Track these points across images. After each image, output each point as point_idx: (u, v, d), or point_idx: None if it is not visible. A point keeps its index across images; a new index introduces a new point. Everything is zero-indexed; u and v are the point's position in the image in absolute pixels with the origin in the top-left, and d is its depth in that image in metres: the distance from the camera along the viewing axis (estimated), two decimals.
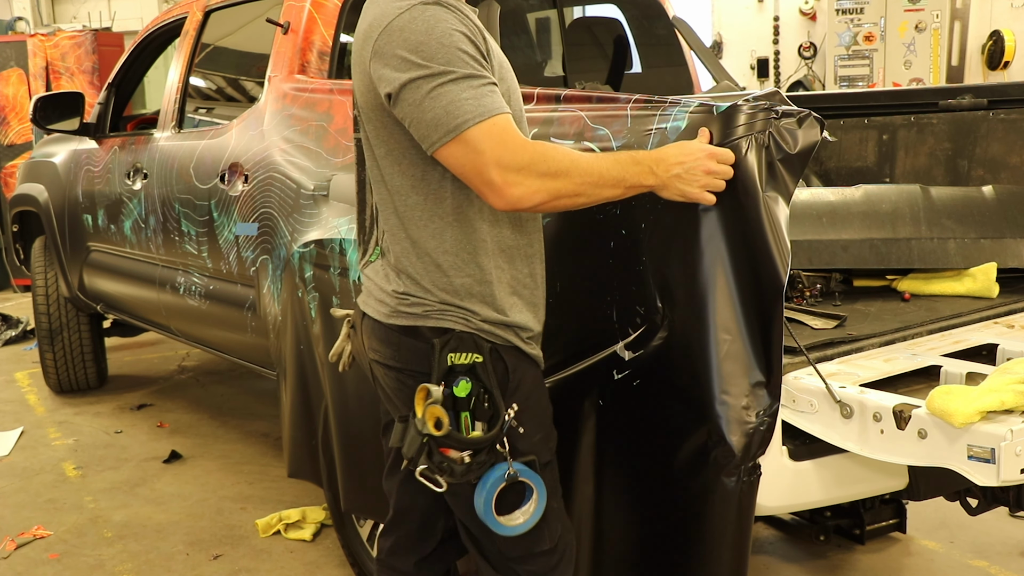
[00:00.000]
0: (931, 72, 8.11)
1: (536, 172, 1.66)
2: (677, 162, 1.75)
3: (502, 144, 1.64)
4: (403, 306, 1.81)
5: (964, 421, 1.68)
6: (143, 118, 4.92)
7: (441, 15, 1.67)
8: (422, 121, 1.67)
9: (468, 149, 1.65)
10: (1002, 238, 2.66)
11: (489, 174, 1.64)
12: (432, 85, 1.64)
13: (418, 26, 1.66)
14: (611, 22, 4.12)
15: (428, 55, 1.65)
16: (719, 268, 1.82)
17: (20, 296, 8.15)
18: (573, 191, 1.70)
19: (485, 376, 1.75)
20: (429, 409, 1.71)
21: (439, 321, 1.79)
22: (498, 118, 1.65)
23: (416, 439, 1.74)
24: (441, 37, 1.65)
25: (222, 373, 5.64)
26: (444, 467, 1.74)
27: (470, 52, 1.67)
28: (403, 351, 1.82)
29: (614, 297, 1.97)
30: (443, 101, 1.64)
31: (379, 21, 1.70)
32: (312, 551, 3.35)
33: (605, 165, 1.72)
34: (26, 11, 11.20)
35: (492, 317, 1.80)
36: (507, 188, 1.65)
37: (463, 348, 1.75)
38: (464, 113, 1.63)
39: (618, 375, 1.96)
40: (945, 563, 3.10)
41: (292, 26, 3.25)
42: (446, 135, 1.65)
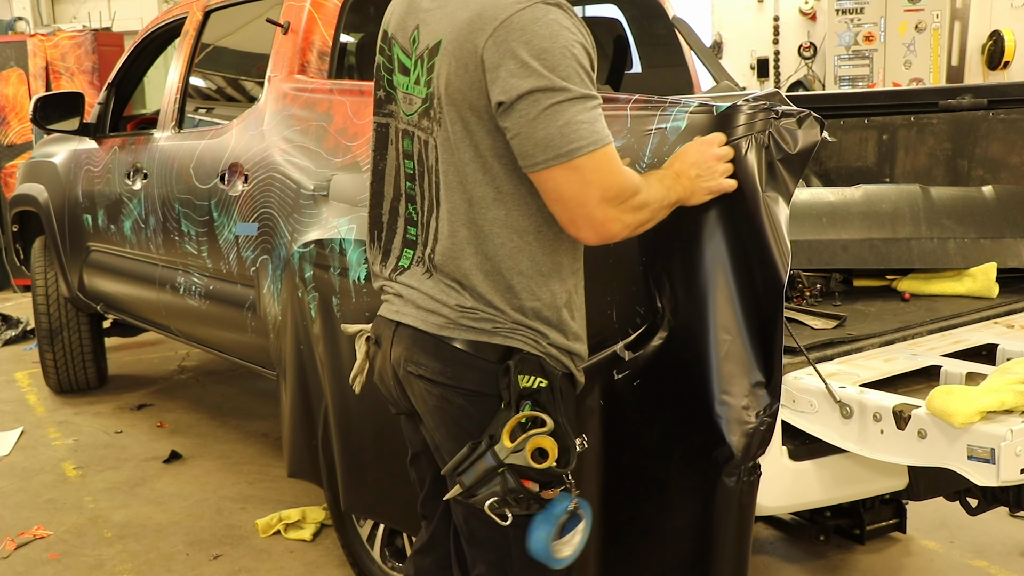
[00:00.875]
0: (931, 72, 8.11)
1: (629, 207, 1.61)
2: (691, 163, 1.74)
3: (610, 173, 1.57)
4: (467, 320, 1.68)
5: (964, 421, 1.68)
6: (143, 118, 4.92)
7: (564, 20, 1.57)
8: (531, 138, 1.56)
9: (576, 177, 1.55)
10: (1002, 238, 2.66)
11: (592, 209, 1.57)
12: (552, 101, 1.53)
13: (542, 29, 1.55)
14: (611, 22, 4.12)
15: (551, 65, 1.54)
16: (719, 268, 1.82)
17: (20, 296, 8.15)
18: (647, 221, 1.67)
19: (550, 403, 1.65)
20: (535, 439, 1.59)
21: (507, 339, 1.67)
22: (609, 148, 1.57)
23: (490, 467, 1.61)
24: (565, 47, 1.55)
25: (222, 373, 5.64)
26: (520, 499, 1.62)
27: (587, 67, 1.58)
28: (456, 367, 1.69)
29: (614, 297, 1.97)
30: (559, 120, 1.54)
31: (494, 12, 1.57)
32: (312, 551, 3.35)
33: (659, 187, 1.68)
34: (26, 11, 11.19)
35: (559, 342, 1.71)
36: (608, 223, 1.59)
37: (528, 371, 1.65)
38: (580, 139, 1.54)
39: (618, 375, 1.96)
40: (945, 563, 3.10)
41: (292, 26, 3.25)
42: (556, 158, 1.55)
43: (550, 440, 1.60)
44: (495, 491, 1.61)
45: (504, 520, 1.63)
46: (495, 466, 1.61)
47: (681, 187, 1.72)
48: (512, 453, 1.60)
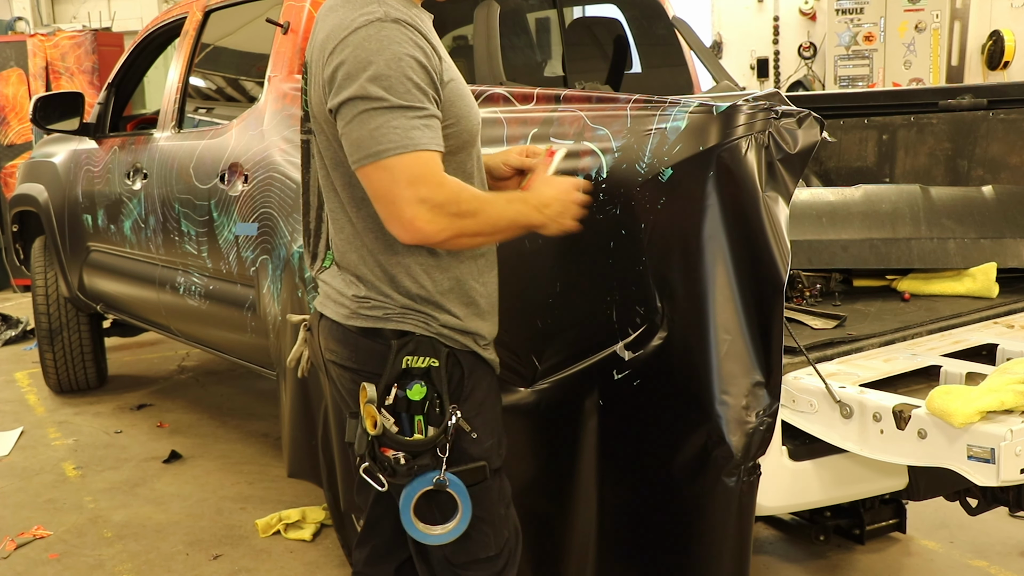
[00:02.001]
0: (931, 72, 8.11)
1: (447, 212, 1.67)
2: (554, 198, 1.82)
3: (421, 179, 1.65)
4: (363, 309, 1.83)
5: (964, 421, 1.68)
6: (143, 118, 4.92)
7: (396, 36, 1.67)
8: (348, 138, 1.69)
9: (385, 176, 1.65)
10: (1002, 238, 2.66)
11: (402, 206, 1.66)
12: (366, 107, 1.65)
13: (371, 45, 1.66)
14: (611, 22, 4.12)
15: (373, 76, 1.65)
16: (719, 268, 1.82)
17: (20, 296, 8.15)
18: (475, 231, 1.74)
19: (438, 381, 1.78)
20: (365, 408, 1.76)
21: (400, 324, 1.80)
22: (422, 153, 1.65)
23: (363, 437, 1.79)
24: (390, 60, 1.65)
25: (222, 373, 5.64)
26: (385, 466, 1.78)
27: (416, 80, 1.67)
28: (360, 352, 1.84)
29: (614, 297, 1.97)
30: (371, 124, 1.65)
31: (337, 32, 1.70)
32: (312, 551, 3.35)
33: (502, 207, 1.77)
34: (26, 11, 11.20)
35: (451, 323, 1.82)
36: (417, 221, 1.66)
37: (420, 352, 1.78)
38: (388, 141, 1.64)
39: (618, 375, 1.96)
40: (945, 563, 3.10)
41: (292, 26, 3.25)
42: (365, 158, 1.66)
43: (373, 409, 1.75)
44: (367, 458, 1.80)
45: (380, 486, 1.80)
46: (364, 435, 1.78)
47: (539, 216, 1.80)
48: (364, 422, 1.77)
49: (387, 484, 1.80)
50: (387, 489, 1.81)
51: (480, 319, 1.87)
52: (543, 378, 2.12)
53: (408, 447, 1.76)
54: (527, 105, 2.30)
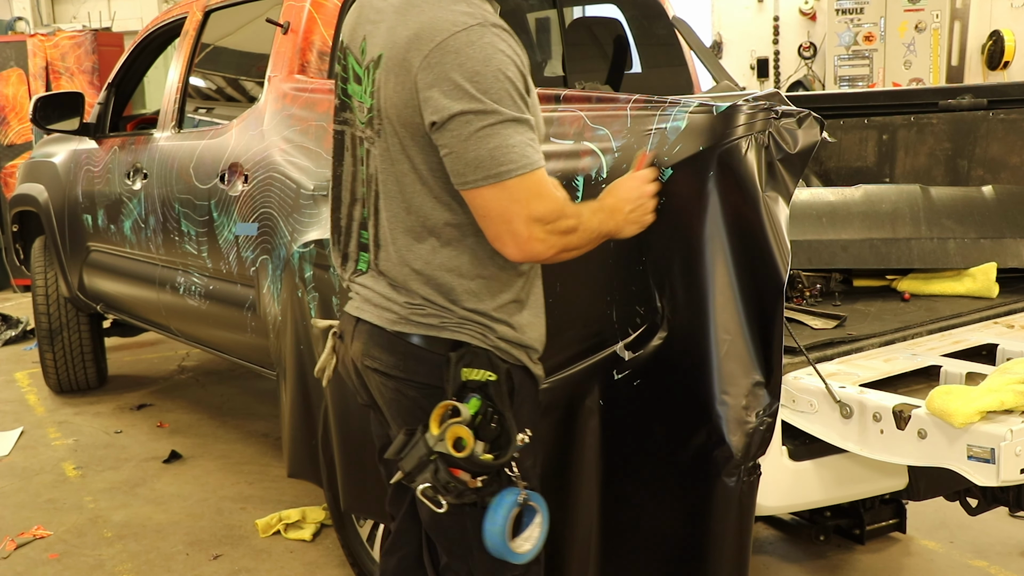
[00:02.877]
0: (931, 72, 8.11)
1: (557, 229, 1.65)
2: (625, 199, 1.79)
3: (538, 196, 1.62)
4: (416, 316, 1.75)
5: (964, 421, 1.68)
6: (143, 118, 4.92)
7: (499, 43, 1.61)
8: (463, 157, 1.61)
9: (504, 196, 1.61)
10: (1002, 238, 2.66)
11: (517, 226, 1.62)
12: (483, 123, 1.59)
13: (476, 52, 1.59)
14: (611, 22, 4.12)
15: (483, 87, 1.59)
16: (719, 268, 1.82)
17: (20, 296, 8.15)
18: (579, 246, 1.72)
19: (497, 396, 1.69)
20: (452, 428, 1.64)
21: (455, 334, 1.73)
22: (538, 172, 1.62)
23: (422, 455, 1.67)
24: (498, 69, 1.59)
25: (222, 373, 5.64)
26: (450, 487, 1.66)
27: (520, 90, 1.62)
28: (409, 360, 1.76)
29: (614, 297, 1.97)
30: (490, 143, 1.59)
31: (431, 33, 1.62)
32: (312, 551, 3.35)
33: (590, 217, 1.73)
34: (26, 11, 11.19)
35: (509, 335, 1.76)
36: (531, 242, 1.63)
37: (477, 364, 1.70)
38: (510, 162, 1.60)
39: (618, 375, 1.96)
40: (945, 563, 3.11)
41: (292, 26, 3.25)
42: (485, 179, 1.61)
43: (466, 429, 1.64)
44: (427, 478, 1.66)
45: (438, 507, 1.68)
46: (427, 453, 1.65)
47: (614, 222, 1.78)
48: (438, 441, 1.64)
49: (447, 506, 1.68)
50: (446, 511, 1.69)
51: (536, 331, 1.83)
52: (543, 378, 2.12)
53: (484, 468, 1.65)
54: None
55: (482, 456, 1.65)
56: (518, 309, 1.79)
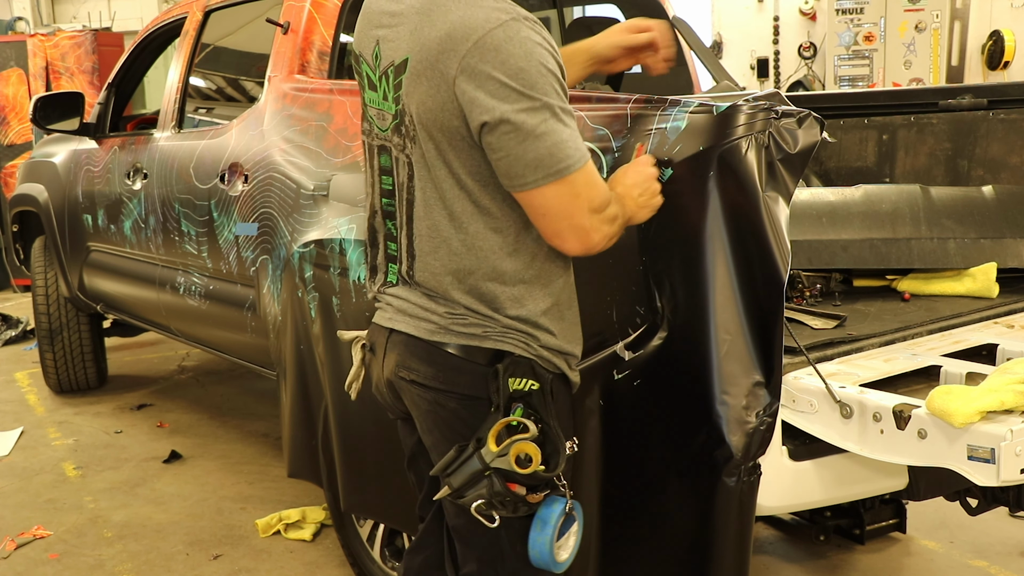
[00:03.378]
0: (931, 72, 8.11)
1: (608, 218, 1.65)
2: (634, 184, 1.77)
3: (594, 187, 1.62)
4: (457, 325, 1.70)
5: (964, 421, 1.68)
6: (143, 118, 4.92)
7: (535, 36, 1.57)
8: (521, 159, 1.57)
9: (568, 192, 1.59)
10: (1002, 238, 2.66)
11: (581, 220, 1.61)
12: (538, 120, 1.55)
13: (516, 48, 1.55)
14: (611, 22, 4.11)
15: (530, 83, 1.54)
16: (719, 268, 1.82)
17: (20, 296, 8.16)
18: (617, 233, 1.71)
19: (541, 406, 1.65)
20: (518, 445, 1.60)
21: (498, 343, 1.69)
22: (591, 161, 1.62)
23: (476, 470, 1.62)
24: (541, 63, 1.55)
25: (222, 373, 5.64)
26: (507, 502, 1.62)
27: (561, 81, 1.59)
28: (449, 371, 1.71)
29: (614, 297, 1.97)
30: (547, 141, 1.56)
31: (465, 32, 1.57)
32: (312, 551, 3.35)
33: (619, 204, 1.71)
34: (26, 11, 11.19)
35: (551, 343, 1.73)
36: (592, 232, 1.63)
37: (519, 373, 1.66)
38: (568, 157, 1.57)
39: (618, 375, 1.96)
40: (945, 563, 3.10)
41: (292, 26, 3.25)
42: (546, 177, 1.57)
43: (533, 446, 1.60)
44: (481, 493, 1.62)
45: (491, 522, 1.64)
46: (481, 469, 1.61)
47: (627, 209, 1.75)
48: (497, 457, 1.60)
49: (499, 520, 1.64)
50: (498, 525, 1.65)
51: (575, 338, 1.80)
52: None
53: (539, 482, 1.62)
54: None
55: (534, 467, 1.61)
56: (559, 315, 1.75)
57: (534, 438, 1.61)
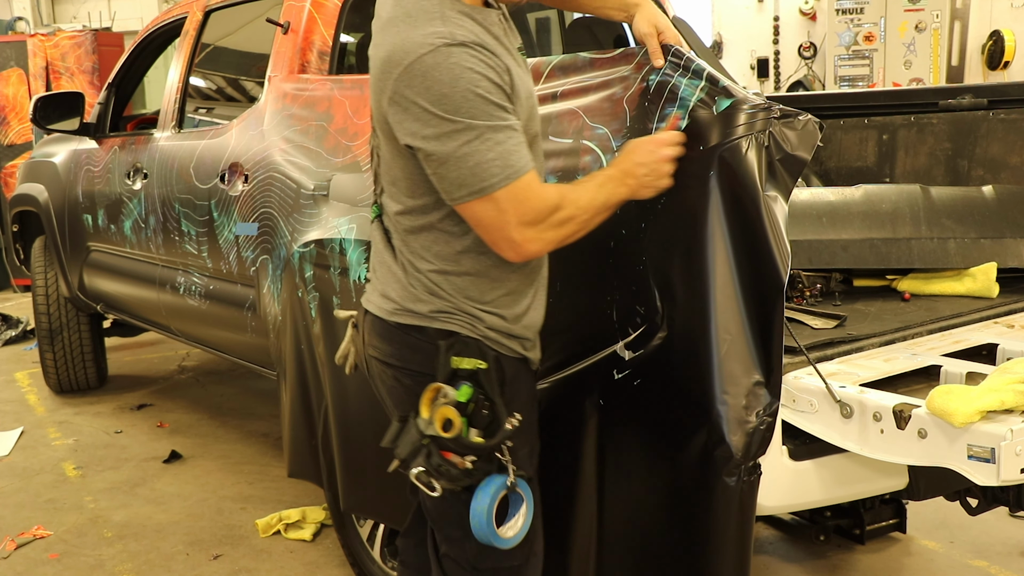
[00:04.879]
0: (931, 72, 8.11)
1: (550, 224, 1.70)
2: (638, 163, 1.79)
3: (525, 202, 1.66)
4: (409, 303, 1.81)
5: (964, 421, 1.68)
6: (143, 118, 4.92)
7: (466, 60, 1.62)
8: (446, 178, 1.66)
9: (492, 208, 1.66)
10: (1002, 238, 2.66)
11: (509, 233, 1.68)
12: (458, 143, 1.61)
13: (442, 75, 1.60)
14: (611, 22, 4.12)
15: (453, 108, 1.60)
16: (719, 267, 1.82)
17: (20, 296, 8.16)
18: (577, 231, 1.75)
19: (488, 383, 1.74)
20: (440, 410, 1.69)
21: (445, 324, 1.79)
22: (523, 178, 1.65)
23: (414, 440, 1.72)
24: (466, 89, 1.60)
25: (222, 373, 5.64)
26: (442, 471, 1.71)
27: (495, 100, 1.64)
28: (404, 349, 1.82)
29: (614, 297, 1.97)
30: (469, 162, 1.62)
31: (399, 56, 1.64)
32: (312, 551, 3.35)
33: (592, 194, 1.76)
34: (26, 11, 11.20)
35: (498, 325, 1.81)
36: (526, 244, 1.69)
37: (467, 353, 1.75)
38: (490, 176, 1.63)
39: (618, 375, 1.96)
40: (945, 563, 3.11)
41: (292, 26, 3.25)
42: (470, 195, 1.65)
43: (453, 410, 1.69)
44: (420, 462, 1.71)
45: (432, 491, 1.72)
46: (419, 438, 1.71)
47: (626, 187, 1.79)
48: (428, 424, 1.70)
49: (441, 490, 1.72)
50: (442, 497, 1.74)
51: (527, 321, 1.86)
52: (543, 378, 2.12)
53: (473, 450, 1.71)
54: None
55: (472, 438, 1.70)
56: (512, 302, 1.83)
57: (452, 402, 1.70)
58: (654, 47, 1.97)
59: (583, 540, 2.12)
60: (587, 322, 2.03)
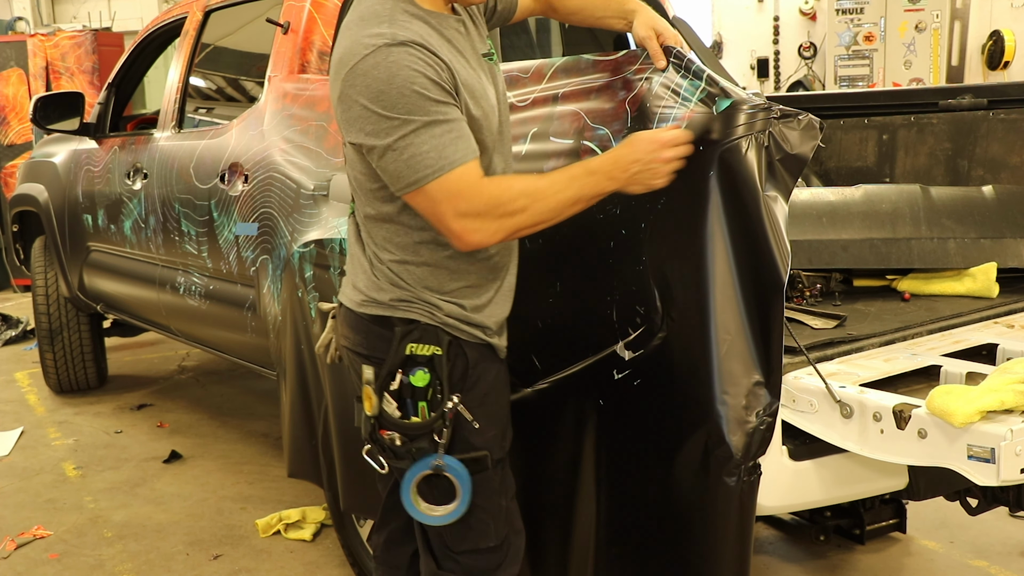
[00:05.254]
0: (931, 72, 8.11)
1: (494, 215, 1.73)
2: (633, 160, 1.78)
3: (459, 195, 1.71)
4: (373, 293, 1.89)
5: (964, 421, 1.68)
6: (143, 118, 4.92)
7: (405, 59, 1.68)
8: (385, 172, 1.74)
9: (428, 200, 1.72)
10: (1002, 238, 2.66)
11: (448, 223, 1.73)
12: (393, 138, 1.68)
13: (380, 73, 1.67)
14: None
15: (389, 104, 1.67)
16: (719, 267, 1.82)
17: (20, 296, 8.15)
18: (533, 222, 1.77)
19: (440, 369, 1.83)
20: (364, 389, 1.84)
21: (406, 312, 1.86)
22: (457, 170, 1.70)
23: (367, 420, 1.87)
24: (403, 85, 1.67)
25: (222, 373, 5.64)
26: (385, 448, 1.86)
27: (433, 96, 1.69)
28: (371, 339, 1.90)
29: (614, 297, 1.97)
30: (404, 155, 1.69)
31: (347, 58, 1.72)
32: (312, 551, 3.35)
33: (561, 187, 1.77)
34: (26, 11, 11.20)
35: (456, 313, 1.87)
36: (466, 235, 1.73)
37: (425, 340, 1.84)
38: (424, 168, 1.69)
39: (618, 375, 1.96)
40: (945, 563, 3.10)
41: (292, 26, 3.25)
42: (406, 187, 1.72)
43: (369, 390, 1.83)
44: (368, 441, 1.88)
45: (381, 468, 1.89)
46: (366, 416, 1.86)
47: (613, 181, 1.79)
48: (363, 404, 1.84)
49: (388, 466, 1.88)
50: (387, 471, 1.89)
51: (484, 311, 1.91)
52: (543, 378, 2.12)
53: (403, 429, 1.83)
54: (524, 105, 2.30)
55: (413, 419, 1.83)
56: (473, 293, 1.89)
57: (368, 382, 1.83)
58: (655, 49, 1.98)
59: (582, 539, 2.12)
60: (587, 322, 2.03)
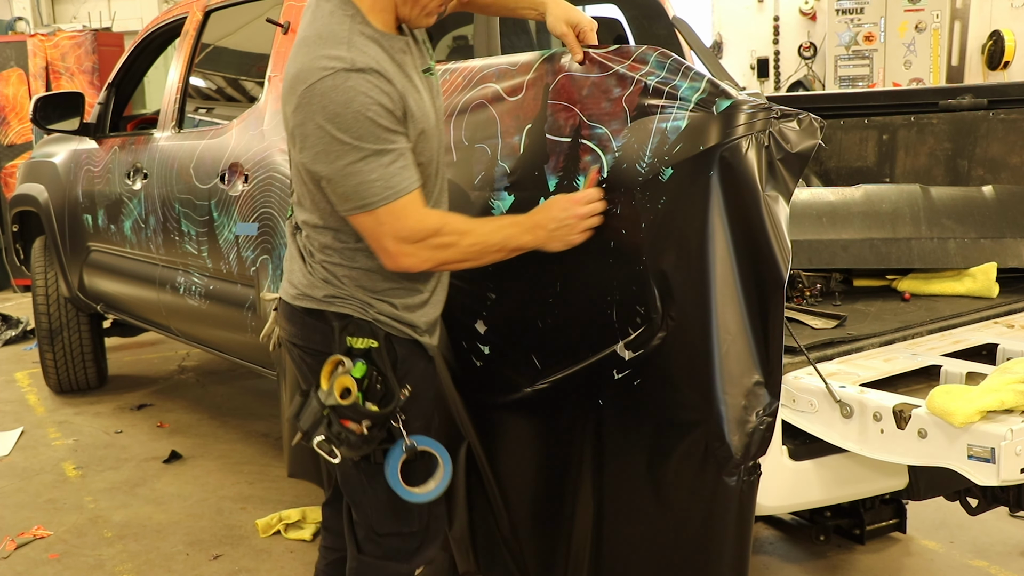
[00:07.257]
0: (931, 72, 8.11)
1: (428, 246, 1.85)
2: (551, 218, 1.92)
3: (401, 220, 1.81)
4: (308, 289, 1.97)
5: (964, 421, 1.68)
6: (143, 118, 4.92)
7: (362, 86, 1.75)
8: (334, 192, 1.82)
9: (372, 221, 1.82)
10: (1002, 238, 2.66)
11: (385, 243, 1.83)
12: (345, 161, 1.76)
13: (338, 96, 1.74)
14: (611, 22, 4.12)
15: (344, 127, 1.74)
16: (719, 268, 1.82)
17: (20, 296, 8.16)
18: (459, 259, 1.91)
19: (380, 360, 1.91)
20: (339, 379, 1.85)
21: (339, 308, 1.94)
22: (401, 200, 1.80)
23: (316, 411, 1.88)
24: (358, 111, 1.74)
25: (222, 373, 5.64)
26: (342, 438, 1.87)
27: (385, 125, 1.77)
28: (306, 331, 1.98)
29: (614, 297, 1.97)
30: (354, 180, 1.77)
31: (305, 75, 1.77)
32: (312, 551, 3.34)
33: (488, 233, 1.92)
34: (26, 11, 11.20)
35: (387, 311, 1.95)
36: (399, 257, 1.85)
37: (360, 333, 1.92)
38: (372, 195, 1.78)
39: (618, 375, 1.96)
40: (945, 563, 3.11)
41: (292, 26, 3.25)
42: (353, 209, 1.82)
43: (350, 379, 1.86)
44: (322, 431, 1.88)
45: (333, 457, 1.90)
46: (320, 409, 1.87)
47: (532, 236, 1.93)
48: (328, 395, 1.86)
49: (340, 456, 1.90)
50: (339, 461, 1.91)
51: (416, 312, 1.99)
52: (543, 378, 2.12)
53: (369, 416, 1.86)
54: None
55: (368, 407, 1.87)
56: (405, 294, 1.97)
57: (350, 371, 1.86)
58: (572, 43, 2.04)
59: (581, 539, 2.12)
60: (587, 322, 2.03)
